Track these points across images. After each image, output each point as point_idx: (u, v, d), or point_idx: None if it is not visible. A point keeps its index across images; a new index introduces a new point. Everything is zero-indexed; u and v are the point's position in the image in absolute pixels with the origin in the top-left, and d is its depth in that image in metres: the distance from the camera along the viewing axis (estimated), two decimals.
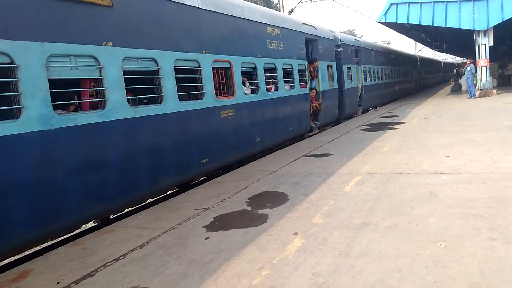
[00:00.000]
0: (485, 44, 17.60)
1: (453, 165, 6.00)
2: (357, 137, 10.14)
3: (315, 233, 3.91)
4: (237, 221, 4.54)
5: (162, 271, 3.45)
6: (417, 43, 43.25)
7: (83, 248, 4.21)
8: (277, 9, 23.20)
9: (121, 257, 3.83)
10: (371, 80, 19.03)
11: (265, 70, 9.10)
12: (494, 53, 21.46)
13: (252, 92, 8.66)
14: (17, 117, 4.04)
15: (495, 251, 3.14)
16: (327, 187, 5.52)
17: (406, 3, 18.33)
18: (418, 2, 18.12)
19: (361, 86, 17.05)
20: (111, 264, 3.70)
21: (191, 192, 6.24)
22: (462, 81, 23.36)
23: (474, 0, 16.99)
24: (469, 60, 19.84)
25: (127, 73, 5.32)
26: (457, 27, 17.62)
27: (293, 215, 4.52)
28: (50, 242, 5.69)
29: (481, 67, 18.13)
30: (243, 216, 4.71)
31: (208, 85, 7.00)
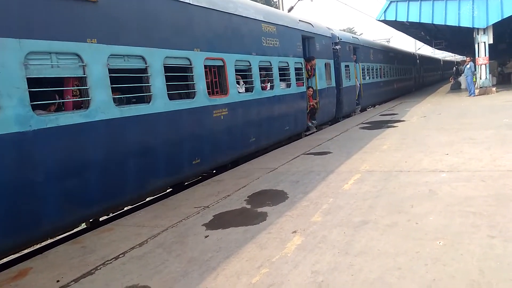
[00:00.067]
0: (484, 42, 17.59)
1: (452, 163, 6.01)
2: (357, 135, 10.15)
3: (315, 231, 3.91)
4: (236, 219, 4.54)
5: (162, 269, 3.46)
6: (417, 41, 43.29)
7: (82, 246, 4.21)
8: (277, 7, 23.16)
9: (120, 256, 3.83)
10: (369, 78, 18.93)
11: (260, 68, 8.90)
12: (494, 51, 21.44)
13: (246, 91, 8.46)
14: None
15: (494, 249, 3.15)
16: (326, 185, 5.53)
17: (406, 0, 18.27)
18: (418, 0, 18.09)
19: (360, 85, 16.95)
20: (111, 263, 3.70)
21: (190, 190, 6.24)
22: (462, 79, 23.40)
23: None
24: (468, 58, 19.89)
25: (113, 71, 5.11)
26: (457, 25, 17.60)
27: (292, 213, 4.52)
28: (50, 241, 5.68)
29: (481, 65, 18.13)
30: (242, 214, 4.72)
31: (200, 83, 6.79)
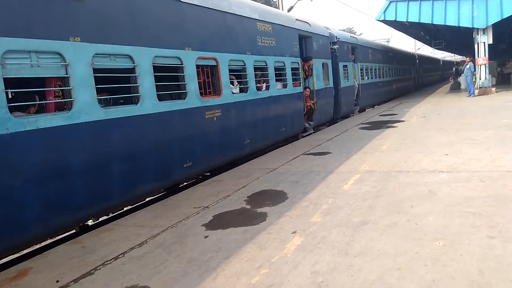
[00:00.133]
0: (484, 42, 17.59)
1: (452, 163, 6.01)
2: (356, 135, 10.15)
3: (314, 232, 3.91)
4: (236, 220, 4.54)
5: (161, 269, 3.46)
6: (416, 41, 43.28)
7: (82, 246, 4.21)
8: (276, 7, 23.15)
9: (120, 256, 3.83)
10: (368, 78, 18.87)
11: (255, 68, 8.69)
12: (493, 51, 21.47)
13: (241, 91, 8.26)
14: None
15: (493, 250, 3.15)
16: (326, 186, 5.53)
17: (406, 0, 18.27)
18: (417, 0, 18.09)
19: (358, 85, 16.87)
20: (110, 263, 3.70)
21: (190, 190, 6.24)
22: (461, 79, 23.40)
23: None
24: (468, 58, 19.89)
25: (98, 71, 4.91)
26: (456, 25, 17.60)
27: (292, 214, 4.52)
28: (50, 241, 5.69)
29: (480, 65, 18.13)
30: (242, 215, 4.72)
31: (192, 84, 6.57)
